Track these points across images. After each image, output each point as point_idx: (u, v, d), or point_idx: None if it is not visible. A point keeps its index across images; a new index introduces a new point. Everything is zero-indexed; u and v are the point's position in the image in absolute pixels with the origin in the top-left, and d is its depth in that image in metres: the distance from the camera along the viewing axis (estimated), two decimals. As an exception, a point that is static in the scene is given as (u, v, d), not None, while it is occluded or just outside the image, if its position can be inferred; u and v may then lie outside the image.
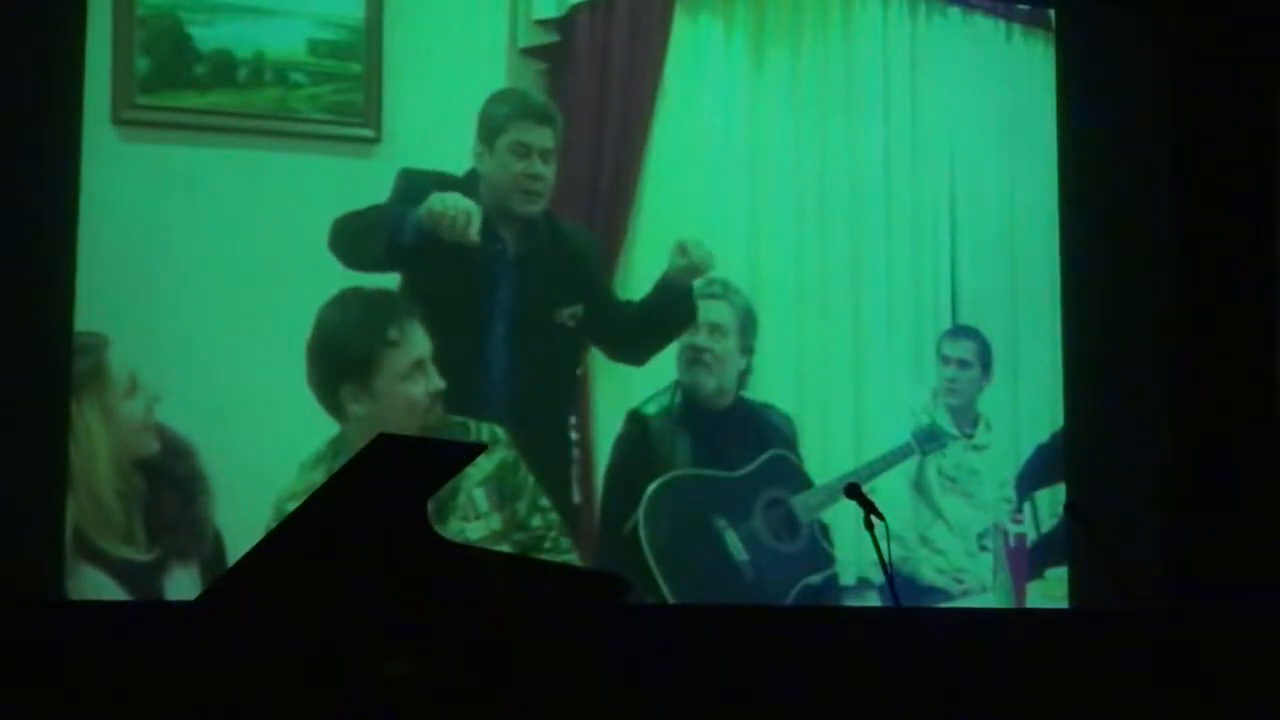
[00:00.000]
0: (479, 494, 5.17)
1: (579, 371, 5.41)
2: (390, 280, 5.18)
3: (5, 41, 4.89)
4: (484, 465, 5.11)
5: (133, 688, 4.55)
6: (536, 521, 5.26)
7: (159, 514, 4.91)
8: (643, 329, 5.48)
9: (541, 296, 5.37)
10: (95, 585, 4.83)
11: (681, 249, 5.51)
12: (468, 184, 5.30)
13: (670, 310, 5.51)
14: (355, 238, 5.14)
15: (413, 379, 5.15)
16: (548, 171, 5.38)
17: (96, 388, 4.88)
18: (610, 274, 5.48)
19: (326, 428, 5.06)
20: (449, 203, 5.23)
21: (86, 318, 4.89)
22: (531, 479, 5.26)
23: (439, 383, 5.17)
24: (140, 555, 4.88)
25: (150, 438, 4.91)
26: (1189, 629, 5.64)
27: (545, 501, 5.28)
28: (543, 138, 5.39)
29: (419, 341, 5.17)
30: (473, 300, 5.30)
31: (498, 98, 5.38)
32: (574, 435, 5.38)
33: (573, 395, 5.40)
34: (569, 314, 5.37)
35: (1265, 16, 6.12)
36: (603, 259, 5.47)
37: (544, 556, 5.19)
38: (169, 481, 4.91)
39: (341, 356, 5.09)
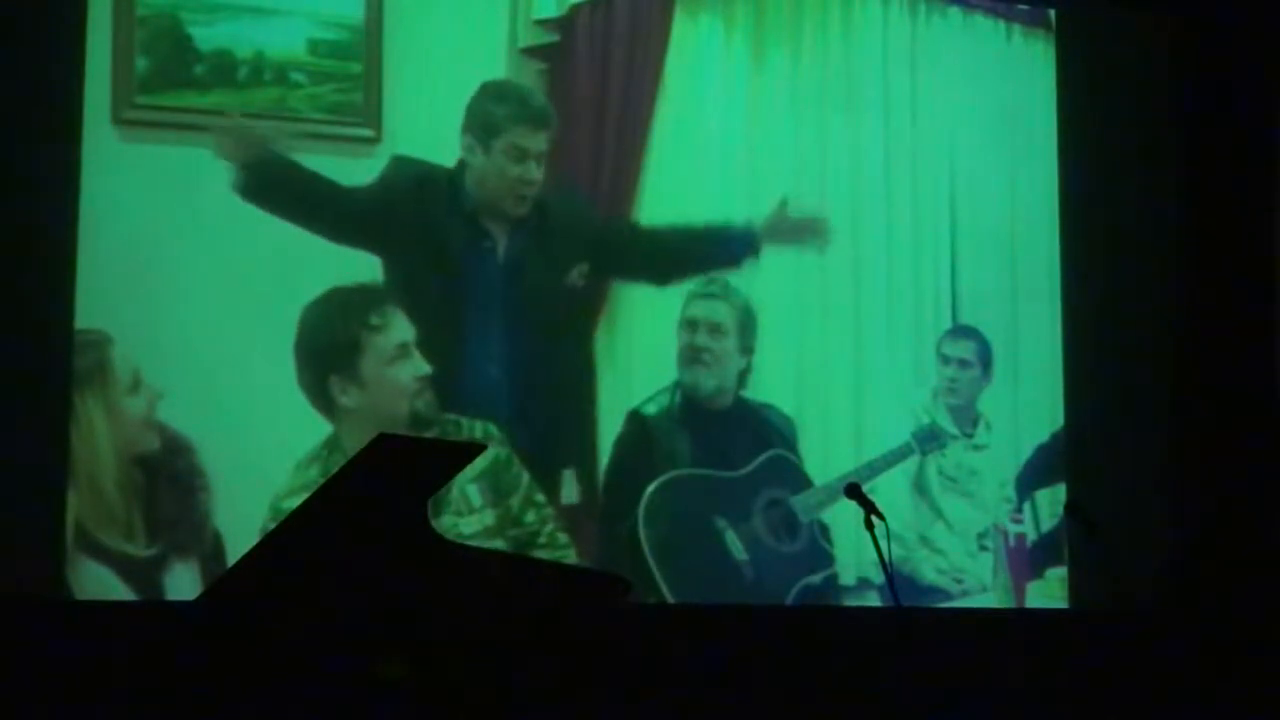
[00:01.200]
0: (472, 489, 5.17)
1: (578, 370, 5.41)
2: (374, 274, 5.17)
3: (5, 41, 4.89)
4: (477, 461, 5.09)
5: (132, 688, 4.55)
6: (530, 517, 5.26)
7: (159, 510, 4.91)
8: (679, 252, 5.50)
9: (540, 289, 5.37)
10: (96, 579, 4.84)
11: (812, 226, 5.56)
12: (457, 175, 5.29)
13: (727, 246, 5.52)
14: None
15: (399, 363, 5.15)
16: (540, 174, 5.39)
17: (100, 384, 4.89)
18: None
19: (322, 426, 5.06)
20: None
21: (87, 316, 4.90)
22: (525, 475, 5.26)
23: (425, 366, 5.16)
24: (140, 551, 4.89)
25: (151, 434, 4.92)
26: (1189, 629, 5.64)
27: (540, 497, 5.28)
28: (539, 142, 5.39)
29: (401, 327, 5.17)
30: (464, 299, 5.30)
31: (494, 95, 5.36)
32: (573, 435, 5.38)
33: (571, 394, 5.40)
34: (577, 273, 5.37)
35: (1265, 17, 6.12)
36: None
37: (539, 551, 5.19)
38: (168, 478, 4.92)
39: (326, 348, 5.09)
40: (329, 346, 5.10)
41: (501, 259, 5.35)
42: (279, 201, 5.08)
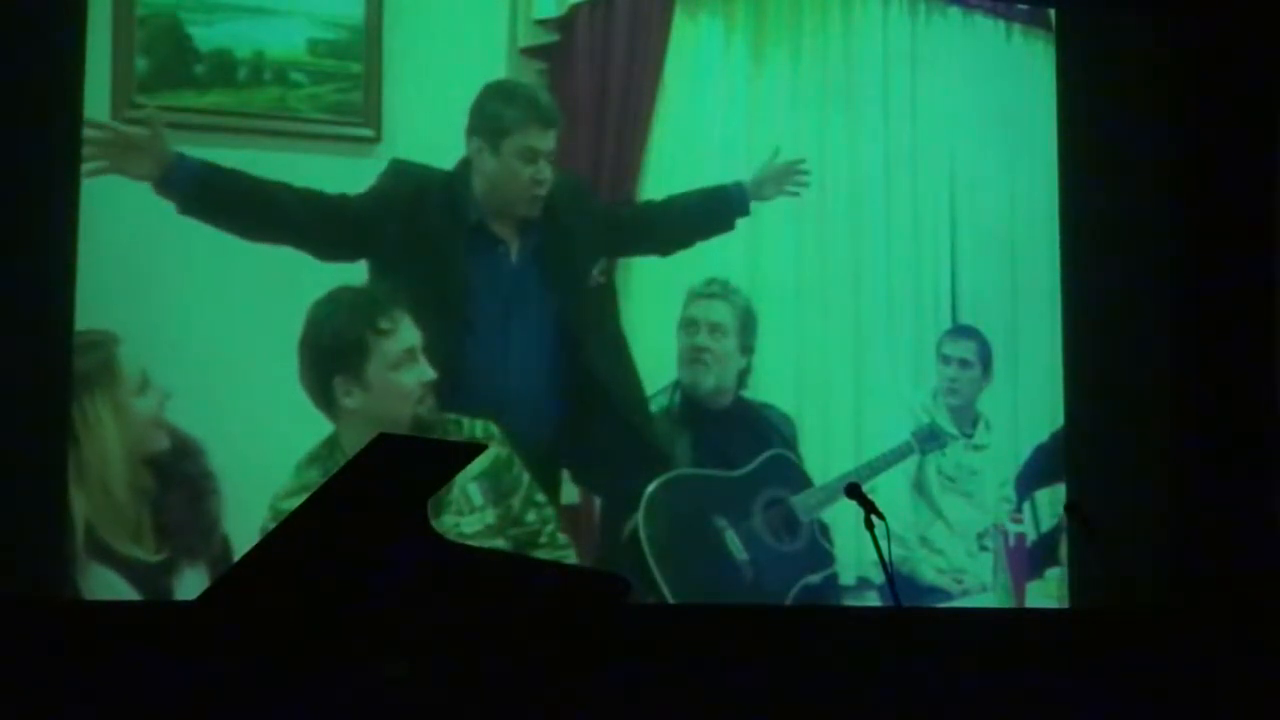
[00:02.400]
0: (473, 488, 5.17)
1: (579, 369, 5.41)
2: (383, 279, 5.17)
3: (5, 41, 4.89)
4: (478, 460, 5.09)
5: (132, 687, 4.54)
6: (531, 516, 5.26)
7: (168, 513, 4.90)
8: (680, 222, 5.51)
9: (547, 294, 5.37)
10: (106, 584, 4.84)
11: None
12: (459, 176, 5.29)
13: (717, 212, 5.53)
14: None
15: (404, 368, 5.14)
16: (550, 173, 5.39)
17: (107, 384, 4.88)
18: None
19: (324, 426, 5.06)
20: None
21: (89, 316, 4.90)
22: (526, 475, 5.26)
23: (430, 373, 5.16)
24: (149, 556, 4.88)
25: (161, 435, 4.91)
26: (1189, 629, 5.64)
27: (541, 497, 5.28)
28: (547, 140, 5.39)
29: (408, 332, 5.17)
30: (471, 300, 5.30)
31: (501, 96, 5.36)
32: (574, 434, 5.38)
33: (573, 393, 5.40)
34: (598, 272, 5.37)
35: (1265, 17, 6.12)
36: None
37: (540, 551, 5.20)
38: (179, 480, 4.91)
39: (332, 348, 5.08)
40: (335, 347, 5.09)
41: (515, 261, 5.35)
42: (236, 218, 5.05)
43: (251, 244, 5.04)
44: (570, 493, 5.35)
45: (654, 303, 5.52)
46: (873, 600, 5.58)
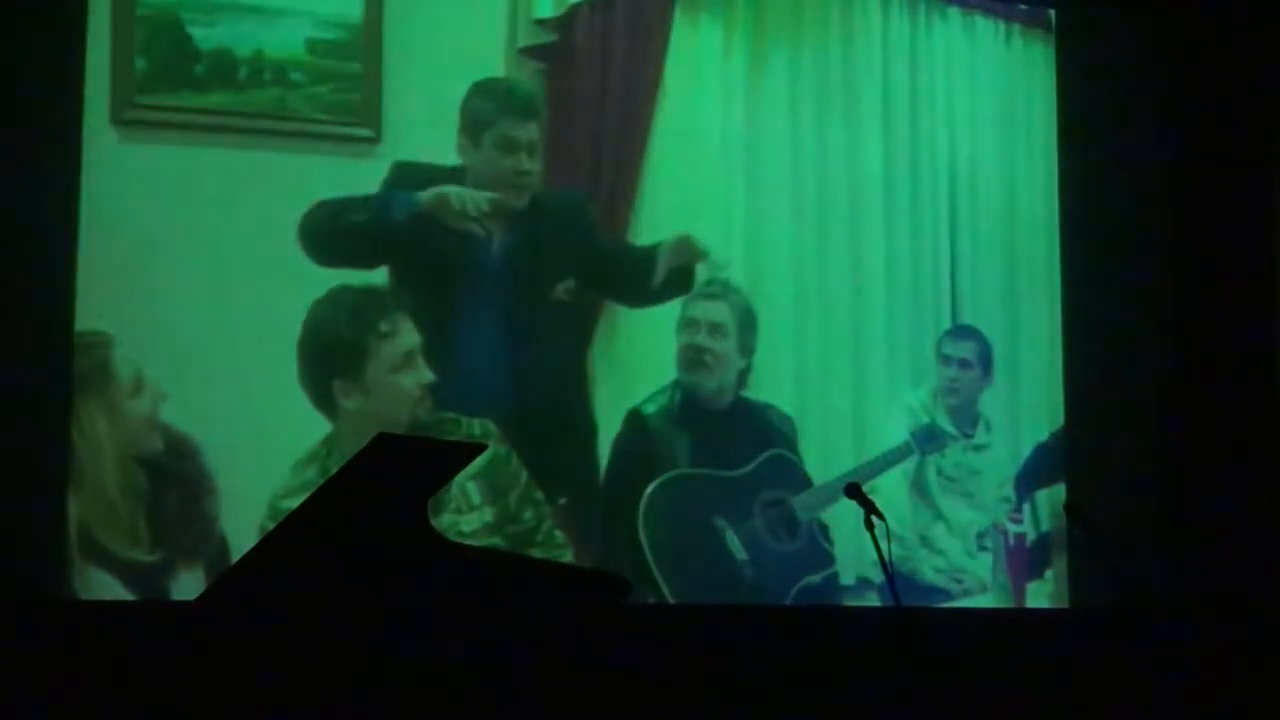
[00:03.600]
0: (471, 487, 5.17)
1: (577, 369, 5.41)
2: (379, 276, 5.18)
3: (5, 41, 4.90)
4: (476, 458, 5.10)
5: (132, 688, 4.54)
6: (528, 514, 5.26)
7: (164, 514, 4.90)
8: (643, 280, 5.50)
9: (533, 287, 5.37)
10: (102, 586, 4.83)
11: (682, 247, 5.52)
12: (455, 177, 5.30)
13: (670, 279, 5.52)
14: (334, 218, 5.11)
15: (403, 371, 5.15)
16: (534, 165, 5.39)
17: (102, 386, 4.88)
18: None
19: (322, 425, 5.06)
20: (458, 191, 5.23)
21: (88, 317, 4.90)
22: (524, 473, 5.26)
23: (429, 375, 5.17)
24: (145, 556, 4.88)
25: (155, 436, 4.91)
26: (1189, 629, 5.64)
27: (538, 494, 5.28)
28: (529, 131, 5.39)
29: (409, 334, 5.17)
30: (462, 296, 5.30)
31: (482, 90, 5.36)
32: (572, 433, 5.38)
33: (571, 392, 5.40)
34: (563, 289, 5.37)
35: (1265, 17, 6.12)
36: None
37: (536, 548, 5.20)
38: (174, 480, 4.92)
39: (332, 350, 5.09)
40: (335, 348, 5.10)
41: (496, 252, 5.35)
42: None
43: (249, 243, 5.05)
44: (571, 493, 5.35)
45: (654, 303, 5.53)
46: (873, 600, 5.58)
